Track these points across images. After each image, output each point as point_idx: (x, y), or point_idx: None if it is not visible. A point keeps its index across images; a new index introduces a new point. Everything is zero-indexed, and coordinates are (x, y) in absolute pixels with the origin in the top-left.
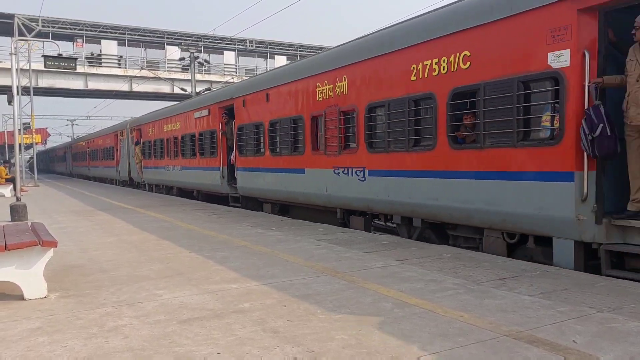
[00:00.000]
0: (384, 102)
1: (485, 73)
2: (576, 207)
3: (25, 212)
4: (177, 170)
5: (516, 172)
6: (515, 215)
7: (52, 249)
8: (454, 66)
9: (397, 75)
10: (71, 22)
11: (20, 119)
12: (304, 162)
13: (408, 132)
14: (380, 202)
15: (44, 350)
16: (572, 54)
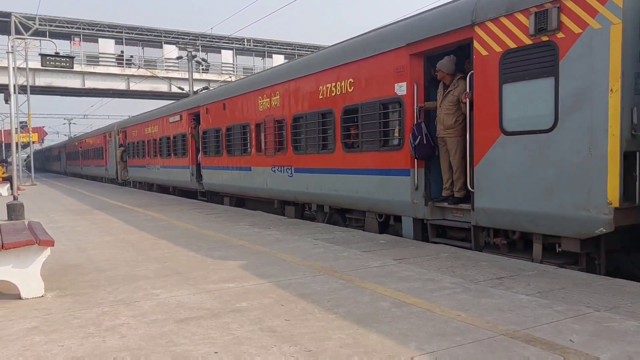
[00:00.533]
0: (303, 114)
1: (362, 96)
2: (412, 194)
3: (22, 211)
4: (157, 168)
5: (380, 170)
6: (381, 200)
7: (49, 248)
8: (344, 89)
9: (311, 93)
10: (68, 21)
11: (17, 117)
12: (250, 161)
13: (318, 139)
14: (302, 193)
15: (40, 349)
16: (407, 86)
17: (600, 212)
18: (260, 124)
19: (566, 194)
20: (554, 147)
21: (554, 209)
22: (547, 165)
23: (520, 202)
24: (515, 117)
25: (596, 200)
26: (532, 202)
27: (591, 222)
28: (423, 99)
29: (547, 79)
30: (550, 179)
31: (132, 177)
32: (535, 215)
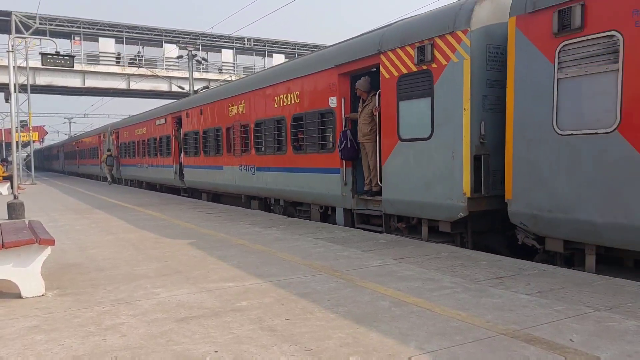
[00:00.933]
0: (263, 120)
1: (306, 106)
2: (341, 189)
3: (22, 210)
4: (145, 167)
5: (319, 168)
6: (321, 194)
7: (50, 247)
8: (293, 100)
9: (269, 102)
10: (68, 20)
11: (18, 116)
12: (222, 161)
13: (274, 142)
14: (263, 189)
15: (41, 348)
16: (337, 100)
17: (459, 201)
18: (230, 128)
19: (439, 187)
20: (431, 152)
21: (432, 199)
22: (427, 165)
23: (412, 194)
24: (407, 127)
25: (456, 192)
26: (419, 193)
27: (454, 208)
28: (349, 110)
29: (427, 99)
30: (429, 176)
31: (124, 175)
32: (421, 203)
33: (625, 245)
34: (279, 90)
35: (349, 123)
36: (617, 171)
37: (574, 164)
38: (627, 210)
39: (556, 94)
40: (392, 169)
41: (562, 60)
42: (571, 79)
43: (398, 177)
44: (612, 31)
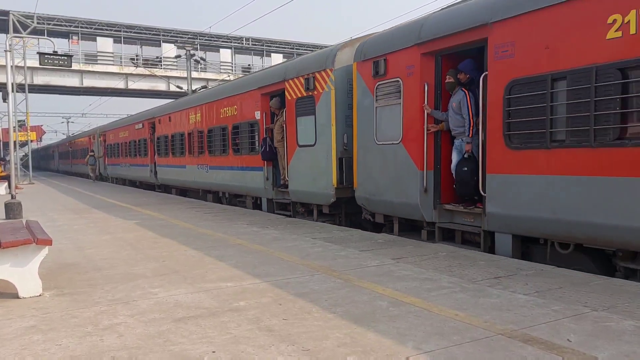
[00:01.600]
0: (213, 128)
1: (242, 118)
2: (264, 183)
3: (20, 210)
4: (128, 166)
5: (250, 167)
6: (252, 188)
7: (47, 247)
8: (233, 112)
9: (217, 113)
10: (66, 19)
11: (15, 116)
12: (185, 161)
13: (220, 145)
14: (214, 184)
15: (38, 348)
16: (260, 113)
17: (331, 190)
18: (190, 133)
19: (321, 181)
20: (316, 155)
21: (317, 189)
22: (314, 165)
23: (306, 186)
24: (302, 136)
25: (330, 184)
26: (310, 185)
27: (328, 196)
28: (269, 122)
29: (312, 116)
30: (315, 172)
31: (111, 174)
32: (311, 193)
33: (408, 216)
34: (224, 104)
35: (268, 132)
36: (401, 168)
37: (384, 164)
38: (405, 192)
39: (375, 117)
40: (294, 167)
41: (377, 94)
42: (381, 107)
43: (298, 173)
44: (397, 78)
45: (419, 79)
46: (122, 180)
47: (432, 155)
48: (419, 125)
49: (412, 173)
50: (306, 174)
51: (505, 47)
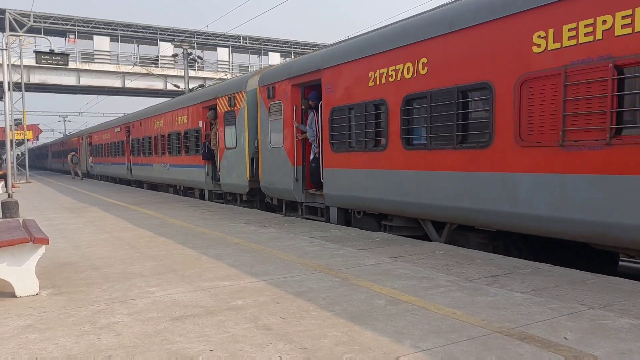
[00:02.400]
0: (171, 133)
1: (190, 125)
2: (205, 178)
3: (16, 208)
4: (109, 165)
5: (195, 165)
6: (197, 182)
7: (44, 246)
8: (184, 121)
9: (174, 121)
10: (63, 18)
11: (12, 115)
12: (152, 160)
13: (176, 147)
14: (173, 180)
15: (35, 347)
16: (202, 123)
17: (245, 182)
18: (156, 137)
19: (239, 175)
20: (236, 155)
21: (238, 181)
22: (235, 163)
23: (231, 179)
24: (228, 141)
25: (245, 178)
26: (233, 179)
27: (245, 187)
28: (208, 129)
29: (234, 126)
30: (236, 169)
31: (97, 172)
32: (235, 184)
33: (289, 198)
34: (179, 113)
35: (208, 137)
36: (283, 164)
37: (274, 162)
38: (285, 181)
39: (270, 128)
40: (223, 165)
41: (270, 111)
42: (272, 120)
43: (225, 170)
44: (280, 100)
45: (290, 102)
46: (105, 177)
47: (300, 156)
48: (292, 134)
49: (289, 168)
50: (231, 170)
51: (329, 86)
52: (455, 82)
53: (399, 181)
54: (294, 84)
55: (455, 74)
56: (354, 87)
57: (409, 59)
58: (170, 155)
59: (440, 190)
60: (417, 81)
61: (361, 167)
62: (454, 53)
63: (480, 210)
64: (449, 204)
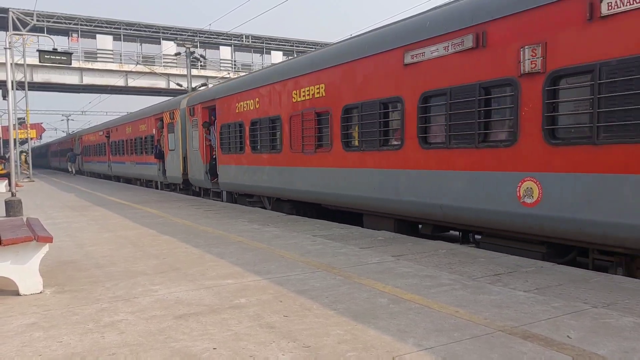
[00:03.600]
0: (137, 137)
1: (148, 132)
2: (157, 173)
3: (20, 207)
4: (95, 163)
5: (150, 163)
6: (153, 176)
7: (48, 244)
8: (144, 129)
9: (138, 128)
10: (66, 17)
11: (15, 114)
12: (125, 159)
13: (137, 149)
14: (139, 174)
15: (39, 345)
16: (155, 130)
17: (180, 175)
18: (127, 140)
19: (177, 170)
20: (175, 155)
21: (176, 175)
22: (175, 161)
23: (173, 173)
24: (170, 145)
25: (180, 172)
26: (174, 173)
27: (180, 179)
28: (159, 135)
29: (174, 133)
30: (176, 165)
31: (86, 169)
32: (175, 177)
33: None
34: (141, 122)
35: (160, 141)
36: (199, 162)
37: (194, 160)
38: (200, 174)
39: (193, 136)
40: (167, 163)
41: (192, 125)
42: (193, 131)
43: (169, 166)
44: (197, 117)
45: (201, 119)
46: (92, 173)
47: (208, 157)
48: (202, 141)
49: (201, 165)
50: (172, 167)
51: (219, 110)
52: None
53: (251, 174)
54: (204, 107)
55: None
56: (230, 111)
57: (252, 97)
58: (136, 155)
59: (269, 180)
60: (256, 111)
61: (235, 164)
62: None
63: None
64: (268, 185)
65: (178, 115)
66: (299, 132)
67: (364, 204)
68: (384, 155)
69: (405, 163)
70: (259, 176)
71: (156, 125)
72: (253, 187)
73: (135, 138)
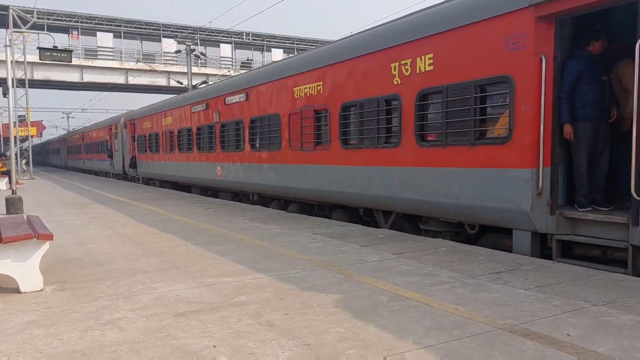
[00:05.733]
0: (92, 142)
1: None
2: (109, 167)
3: (20, 205)
4: (75, 160)
5: (104, 160)
6: (106, 168)
7: (48, 242)
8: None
9: (98, 136)
10: (66, 14)
11: (16, 111)
12: (92, 157)
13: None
14: (99, 169)
15: (40, 343)
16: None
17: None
18: (93, 143)
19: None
20: (119, 155)
21: (119, 168)
22: (119, 159)
23: (117, 167)
24: (117, 147)
25: (121, 167)
26: (118, 167)
27: (121, 170)
28: (111, 141)
29: (117, 140)
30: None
31: (69, 164)
32: (118, 170)
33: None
34: (101, 130)
35: (112, 146)
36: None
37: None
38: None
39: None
40: (115, 160)
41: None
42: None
43: (115, 162)
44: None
45: (129, 131)
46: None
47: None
48: (131, 147)
49: (127, 160)
50: (117, 162)
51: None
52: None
53: (150, 165)
54: (130, 123)
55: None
56: (141, 128)
57: (149, 120)
58: (97, 154)
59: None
60: (150, 128)
61: (145, 160)
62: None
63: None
64: (158, 172)
65: (120, 127)
66: (167, 143)
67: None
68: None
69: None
70: (155, 167)
71: (109, 133)
72: (152, 174)
73: (98, 142)
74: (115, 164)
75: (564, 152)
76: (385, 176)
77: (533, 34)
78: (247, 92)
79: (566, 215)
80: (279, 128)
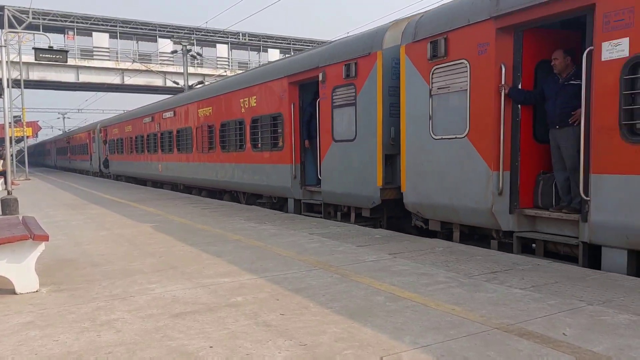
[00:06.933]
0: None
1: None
2: (89, 167)
3: (16, 206)
4: (63, 160)
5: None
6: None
7: (44, 242)
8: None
9: (82, 139)
10: (62, 14)
11: (11, 111)
12: (77, 157)
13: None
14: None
15: (35, 344)
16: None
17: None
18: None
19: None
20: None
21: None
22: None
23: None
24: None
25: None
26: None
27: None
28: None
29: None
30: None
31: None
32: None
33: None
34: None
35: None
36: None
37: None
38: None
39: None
40: (93, 160)
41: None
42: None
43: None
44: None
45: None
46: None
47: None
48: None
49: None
50: (95, 162)
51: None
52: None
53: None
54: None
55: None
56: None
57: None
58: (80, 155)
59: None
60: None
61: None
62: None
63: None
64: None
65: (97, 132)
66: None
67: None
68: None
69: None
70: (121, 166)
71: (88, 137)
72: (120, 172)
73: (77, 145)
74: (93, 163)
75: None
76: (238, 169)
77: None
78: (175, 110)
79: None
80: (191, 137)
